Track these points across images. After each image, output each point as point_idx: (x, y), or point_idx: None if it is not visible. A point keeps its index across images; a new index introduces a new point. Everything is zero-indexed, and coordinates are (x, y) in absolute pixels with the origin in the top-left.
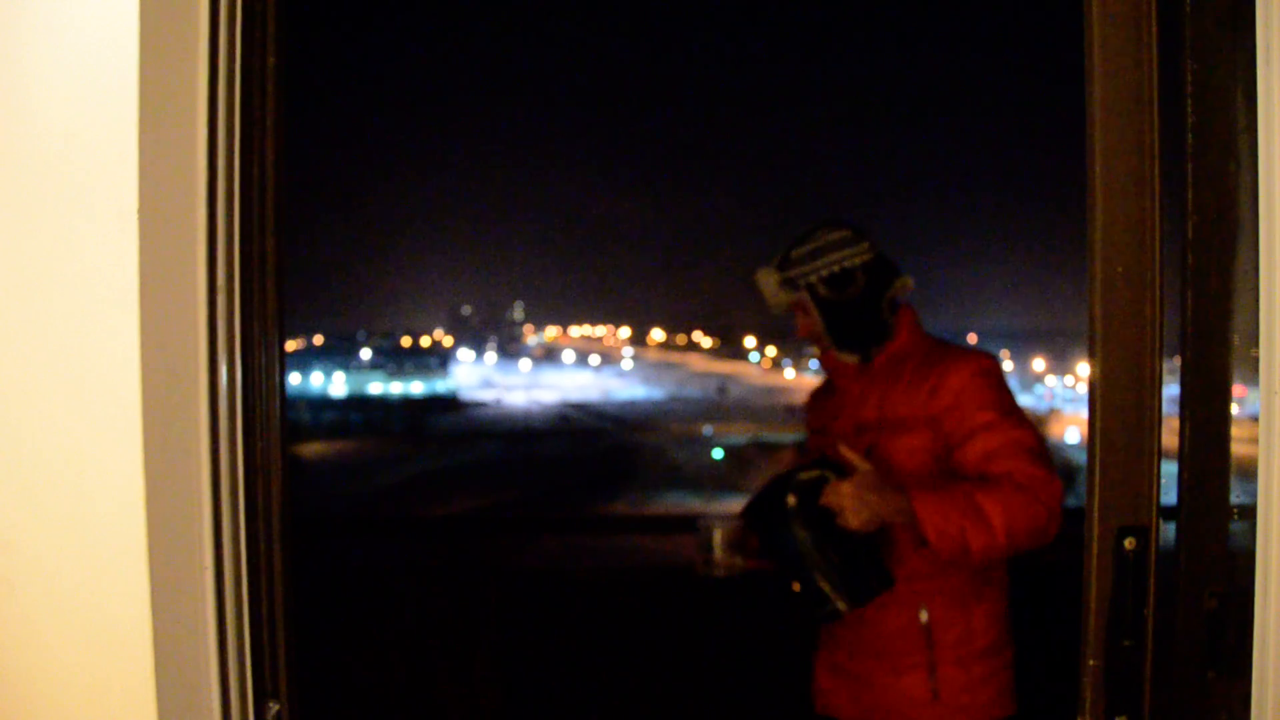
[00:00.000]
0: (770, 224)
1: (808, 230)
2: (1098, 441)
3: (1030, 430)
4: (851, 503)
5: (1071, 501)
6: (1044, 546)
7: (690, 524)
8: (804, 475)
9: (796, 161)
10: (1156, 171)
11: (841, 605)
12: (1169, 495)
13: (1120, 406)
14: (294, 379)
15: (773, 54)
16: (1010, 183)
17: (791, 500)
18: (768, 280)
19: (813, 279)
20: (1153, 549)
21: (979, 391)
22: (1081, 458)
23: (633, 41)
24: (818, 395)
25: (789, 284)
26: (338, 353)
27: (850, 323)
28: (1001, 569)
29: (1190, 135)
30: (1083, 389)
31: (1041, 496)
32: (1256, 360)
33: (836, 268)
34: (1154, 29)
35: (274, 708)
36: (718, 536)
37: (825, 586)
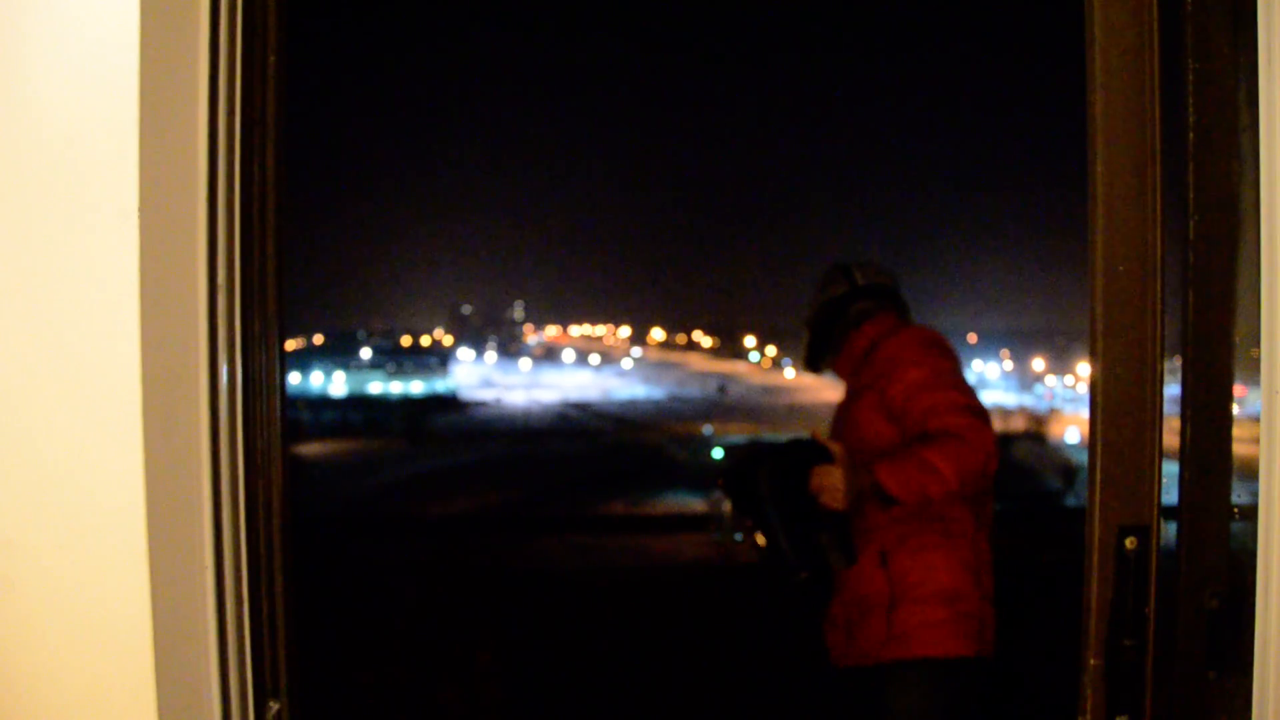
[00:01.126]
0: (771, 224)
1: (807, 315)
2: (1098, 441)
3: (962, 389)
4: (842, 485)
5: (1072, 501)
6: (1042, 544)
7: (690, 523)
8: (778, 451)
9: (797, 162)
10: (1158, 171)
11: (801, 576)
12: (1170, 495)
13: (1121, 406)
14: (294, 378)
15: (775, 54)
16: (1011, 182)
17: (764, 474)
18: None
19: (811, 318)
20: (1154, 548)
21: (909, 354)
22: (1082, 457)
23: (633, 40)
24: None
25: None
26: (338, 352)
27: (808, 350)
28: (964, 523)
29: (1191, 134)
30: (1083, 389)
31: (975, 443)
32: (1258, 360)
33: (816, 306)
34: (1155, 28)
35: (274, 707)
36: (730, 509)
37: (790, 558)
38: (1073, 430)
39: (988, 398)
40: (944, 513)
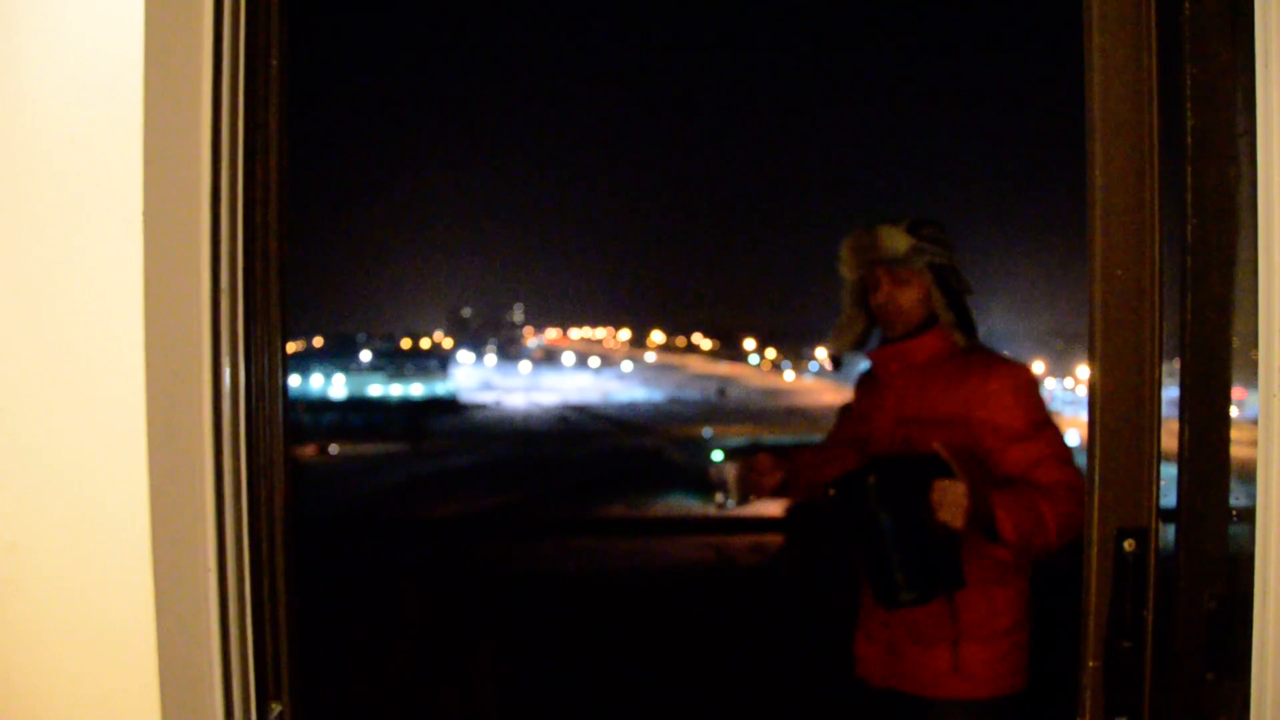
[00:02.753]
0: (771, 226)
1: (924, 215)
2: (1097, 444)
3: (1064, 440)
4: (964, 502)
5: None
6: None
7: (688, 526)
8: (891, 462)
9: (796, 162)
10: (1156, 175)
11: (907, 596)
12: (1168, 497)
13: (1120, 409)
14: (293, 381)
15: (773, 55)
16: (1010, 185)
17: (879, 483)
18: (894, 235)
19: (940, 260)
20: (1152, 551)
21: (1018, 401)
22: (1081, 460)
23: (632, 43)
24: (864, 381)
25: (918, 251)
26: (338, 354)
27: (962, 312)
28: (1026, 558)
29: (1189, 139)
30: (1082, 391)
31: (1082, 502)
32: (1256, 362)
33: (950, 263)
34: (1153, 33)
35: (276, 709)
36: (730, 473)
37: (898, 576)
38: (1072, 433)
39: None
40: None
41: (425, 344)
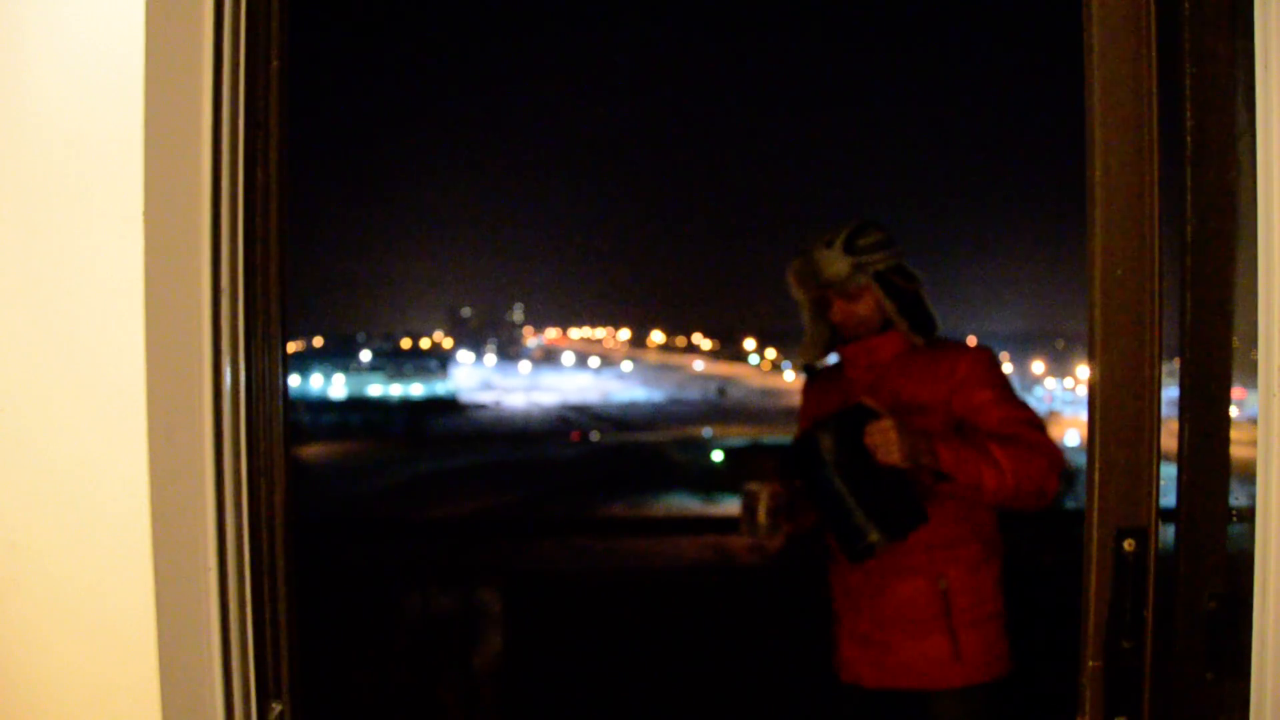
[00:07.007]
0: (769, 224)
1: (858, 225)
2: (1097, 444)
3: (1029, 408)
4: (893, 437)
5: (1071, 503)
6: (1041, 546)
7: (688, 525)
8: (837, 418)
9: (794, 162)
10: (1156, 175)
11: (875, 537)
12: (1168, 497)
13: (1120, 409)
14: (293, 381)
15: (772, 54)
16: (1010, 185)
17: (826, 442)
18: (833, 259)
19: (881, 267)
20: (1152, 551)
21: (983, 375)
22: (1081, 460)
23: (631, 42)
24: (814, 388)
25: (860, 268)
26: (338, 354)
27: (917, 310)
28: (999, 541)
29: (1189, 139)
30: (1082, 391)
31: (1044, 453)
32: (1255, 362)
33: (895, 262)
34: (1153, 32)
35: (277, 708)
36: (763, 502)
37: (860, 521)
38: (1072, 433)
39: None
40: (986, 527)
41: (425, 344)
